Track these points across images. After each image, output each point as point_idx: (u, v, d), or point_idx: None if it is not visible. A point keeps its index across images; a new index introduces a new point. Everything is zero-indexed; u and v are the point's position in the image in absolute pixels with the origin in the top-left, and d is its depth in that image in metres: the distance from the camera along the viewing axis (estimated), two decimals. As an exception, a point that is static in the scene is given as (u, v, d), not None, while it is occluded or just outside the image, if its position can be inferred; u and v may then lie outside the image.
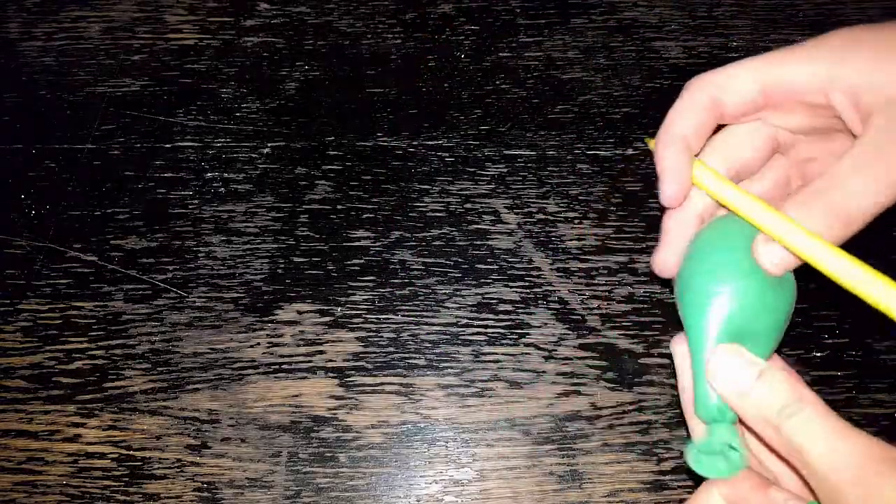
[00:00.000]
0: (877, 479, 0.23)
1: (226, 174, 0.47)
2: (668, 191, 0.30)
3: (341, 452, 0.40)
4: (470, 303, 0.43)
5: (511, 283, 0.44)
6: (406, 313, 0.43)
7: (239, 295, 0.44)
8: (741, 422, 0.28)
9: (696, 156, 0.31)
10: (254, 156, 0.48)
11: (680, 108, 0.30)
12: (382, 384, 0.41)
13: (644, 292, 0.43)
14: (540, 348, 0.42)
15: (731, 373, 0.27)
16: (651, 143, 0.32)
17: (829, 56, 0.27)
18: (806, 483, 0.26)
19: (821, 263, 0.27)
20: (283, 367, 0.42)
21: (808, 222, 0.27)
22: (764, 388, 0.26)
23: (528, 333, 0.42)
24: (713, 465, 0.26)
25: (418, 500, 0.39)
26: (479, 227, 0.45)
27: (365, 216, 0.46)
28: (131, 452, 0.40)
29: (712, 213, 0.32)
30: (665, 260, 0.31)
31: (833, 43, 0.28)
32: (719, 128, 0.32)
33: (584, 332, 0.42)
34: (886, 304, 0.26)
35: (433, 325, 0.43)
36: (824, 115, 0.29)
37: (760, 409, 0.26)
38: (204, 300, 0.44)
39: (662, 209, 0.32)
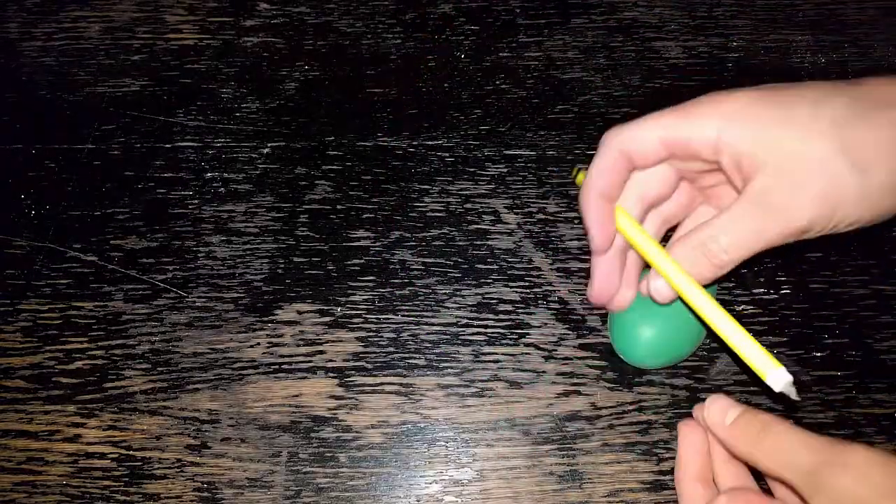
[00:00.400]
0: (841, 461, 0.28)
1: (226, 174, 0.47)
2: (597, 241, 0.36)
3: (341, 452, 0.40)
4: (470, 303, 0.43)
5: (511, 283, 0.44)
6: (406, 313, 0.43)
7: (239, 295, 0.44)
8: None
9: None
10: (254, 156, 0.48)
11: (598, 165, 0.35)
12: (382, 384, 0.41)
13: (644, 292, 0.43)
14: (540, 348, 0.42)
15: (721, 412, 0.33)
16: (579, 179, 0.37)
17: (720, 123, 0.32)
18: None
19: (688, 298, 0.34)
20: (283, 367, 0.42)
21: (687, 262, 0.34)
22: (745, 419, 0.32)
23: (528, 333, 0.42)
24: None
25: (418, 500, 0.39)
26: (479, 227, 0.45)
27: (365, 216, 0.46)
28: (131, 452, 0.40)
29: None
30: (600, 291, 0.38)
31: (725, 109, 0.32)
32: None
33: (584, 332, 0.42)
34: (728, 338, 0.33)
35: (433, 325, 0.43)
36: (717, 165, 0.34)
37: (743, 434, 0.32)
38: (204, 300, 0.44)
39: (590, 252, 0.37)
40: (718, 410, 0.33)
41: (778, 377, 0.31)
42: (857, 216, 0.31)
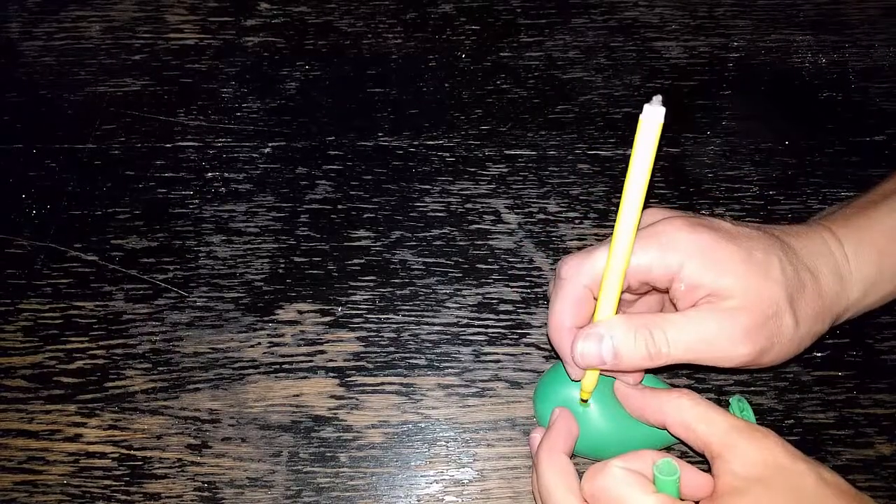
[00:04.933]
0: (736, 439, 0.32)
1: (226, 174, 0.47)
2: (574, 373, 0.36)
3: (342, 452, 0.40)
4: (470, 303, 0.43)
5: (512, 283, 0.44)
6: (407, 313, 0.43)
7: (240, 295, 0.44)
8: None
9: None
10: (254, 155, 0.48)
11: (565, 301, 0.35)
12: (383, 384, 0.41)
13: (645, 292, 0.43)
14: (541, 348, 0.42)
15: (632, 379, 0.36)
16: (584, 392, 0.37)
17: (682, 255, 0.33)
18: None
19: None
20: (283, 366, 0.42)
21: (629, 340, 0.34)
22: (656, 387, 0.35)
23: (528, 333, 0.42)
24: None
25: (419, 500, 0.39)
26: (480, 226, 0.45)
27: (366, 216, 0.46)
28: (132, 452, 0.40)
29: None
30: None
31: (687, 241, 0.34)
32: None
33: (585, 331, 0.42)
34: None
35: (434, 324, 0.43)
36: (662, 290, 0.35)
37: (656, 393, 0.35)
38: (205, 300, 0.44)
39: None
40: (629, 380, 0.36)
41: (652, 109, 0.31)
42: (783, 357, 0.34)
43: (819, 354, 0.41)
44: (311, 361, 0.42)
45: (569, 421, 0.36)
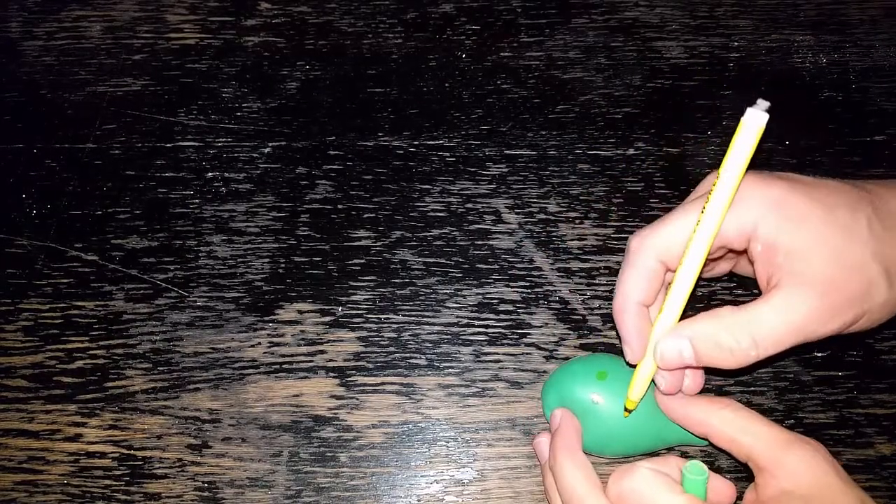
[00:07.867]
0: (783, 453, 0.31)
1: (227, 174, 0.47)
2: (632, 354, 0.35)
3: (342, 452, 0.40)
4: (471, 303, 0.43)
5: (512, 283, 0.44)
6: (407, 313, 0.43)
7: (240, 294, 0.44)
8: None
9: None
10: (255, 155, 0.48)
11: (631, 274, 0.34)
12: (383, 384, 0.41)
13: (645, 292, 0.43)
14: (541, 348, 0.42)
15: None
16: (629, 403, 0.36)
17: (757, 213, 0.31)
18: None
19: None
20: (283, 366, 0.42)
21: (714, 348, 0.32)
22: (702, 396, 0.35)
23: (529, 333, 0.42)
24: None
25: (419, 500, 0.39)
26: (480, 226, 0.45)
27: (366, 216, 0.46)
28: (132, 452, 0.40)
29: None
30: (670, 386, 0.35)
31: (763, 197, 0.31)
32: None
33: (585, 332, 0.42)
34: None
35: (434, 324, 0.43)
36: (740, 252, 0.34)
37: (701, 404, 0.34)
38: (205, 300, 0.44)
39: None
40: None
41: (754, 113, 0.31)
42: (877, 321, 0.33)
43: (819, 354, 0.41)
44: (311, 361, 0.42)
45: (574, 420, 0.36)
